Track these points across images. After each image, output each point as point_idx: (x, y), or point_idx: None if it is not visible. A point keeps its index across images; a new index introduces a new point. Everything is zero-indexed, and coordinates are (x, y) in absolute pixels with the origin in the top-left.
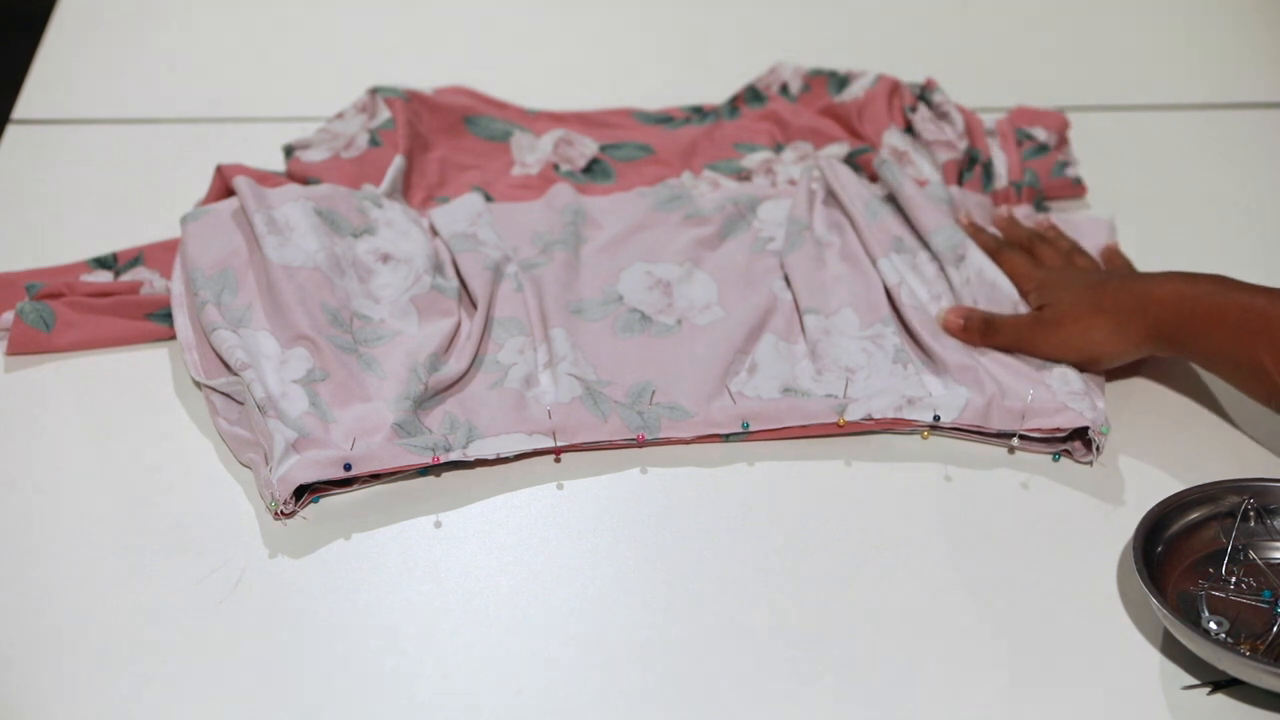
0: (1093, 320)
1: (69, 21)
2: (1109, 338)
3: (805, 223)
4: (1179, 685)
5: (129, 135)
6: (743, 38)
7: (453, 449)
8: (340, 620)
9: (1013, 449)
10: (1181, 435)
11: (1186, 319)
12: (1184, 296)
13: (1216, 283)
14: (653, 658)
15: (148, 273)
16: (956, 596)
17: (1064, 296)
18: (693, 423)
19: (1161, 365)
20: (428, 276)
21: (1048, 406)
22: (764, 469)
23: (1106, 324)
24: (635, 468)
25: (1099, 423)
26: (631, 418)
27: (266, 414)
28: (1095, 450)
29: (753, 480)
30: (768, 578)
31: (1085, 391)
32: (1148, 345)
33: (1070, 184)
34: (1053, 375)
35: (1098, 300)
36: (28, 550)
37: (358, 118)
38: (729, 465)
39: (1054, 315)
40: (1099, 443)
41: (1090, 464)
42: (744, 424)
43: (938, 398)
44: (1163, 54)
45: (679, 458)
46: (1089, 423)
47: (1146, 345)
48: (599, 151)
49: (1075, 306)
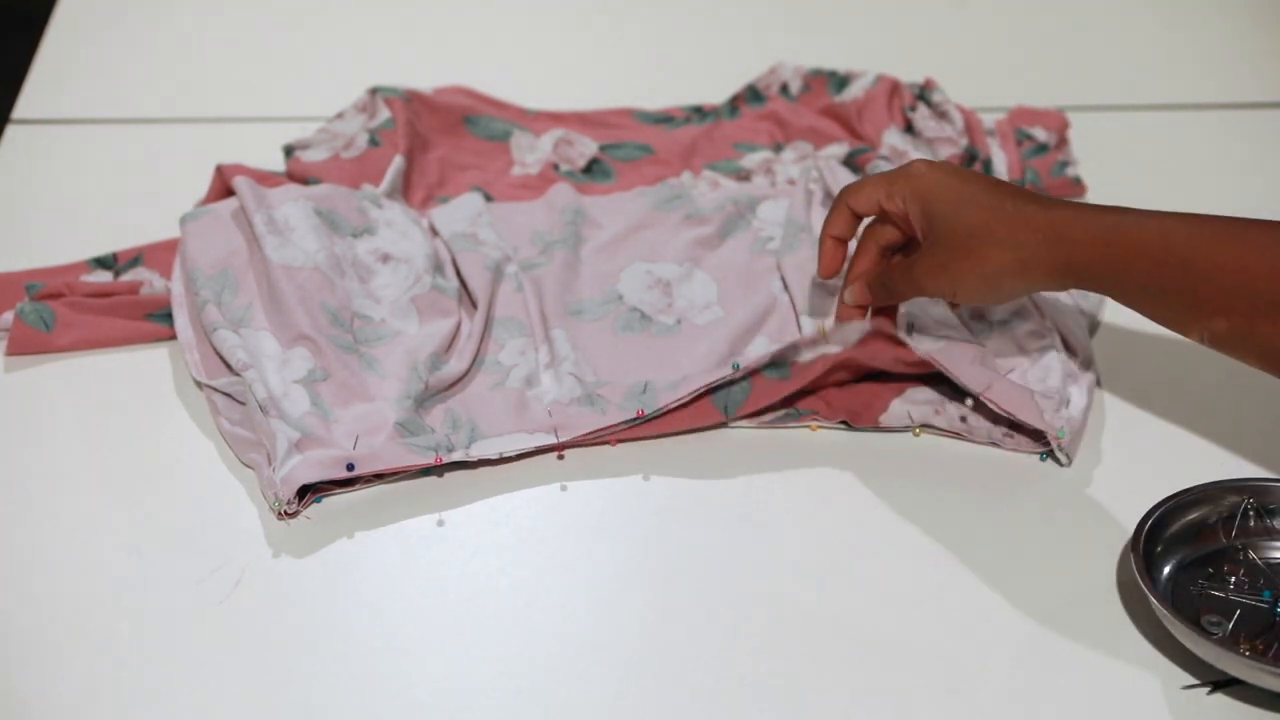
0: (987, 254)
1: (69, 21)
2: (1008, 274)
3: (803, 224)
4: (1179, 685)
5: (129, 135)
6: (743, 38)
7: (455, 449)
8: (341, 620)
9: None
10: (1181, 435)
11: (1101, 254)
12: (1094, 229)
13: (1123, 212)
14: (653, 659)
15: (148, 273)
16: (954, 597)
17: (948, 223)
18: (685, 384)
19: (1161, 364)
20: (428, 276)
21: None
22: (764, 471)
23: (1005, 259)
24: (638, 475)
25: (1057, 425)
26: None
27: (269, 414)
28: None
29: (753, 483)
30: (768, 579)
31: (1060, 390)
32: (1054, 282)
33: (1070, 183)
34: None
35: (990, 230)
36: (28, 550)
37: (358, 118)
38: (730, 467)
39: (942, 249)
40: (1058, 446)
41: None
42: (734, 364)
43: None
44: (1163, 54)
45: (680, 462)
46: (1046, 426)
47: (1053, 282)
48: (599, 151)
49: (965, 236)
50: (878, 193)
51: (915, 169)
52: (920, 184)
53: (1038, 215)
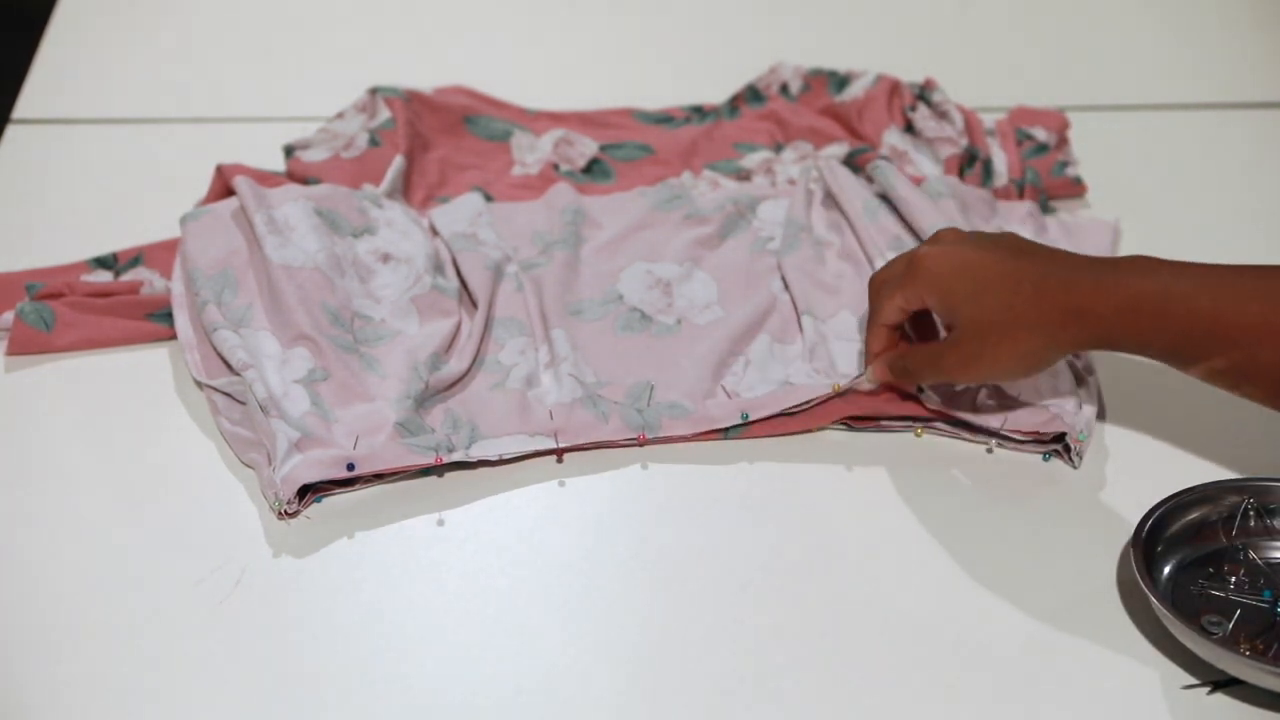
0: (1018, 337)
1: (69, 21)
2: (1037, 354)
3: (803, 224)
4: (1179, 685)
5: (129, 135)
6: (743, 38)
7: (455, 449)
8: (341, 620)
9: (990, 449)
10: (1181, 435)
11: (1128, 325)
12: (1116, 301)
13: (1144, 275)
14: (653, 657)
15: (148, 273)
16: (955, 597)
17: (970, 312)
18: (692, 419)
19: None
20: (428, 276)
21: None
22: (764, 468)
23: (1033, 340)
24: (636, 464)
25: (1078, 428)
26: (632, 417)
27: (269, 414)
28: (1075, 456)
29: (753, 479)
30: (768, 576)
31: (1073, 391)
32: (1085, 348)
33: (1070, 183)
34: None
35: (1016, 315)
36: (28, 550)
37: (358, 118)
38: (730, 464)
39: (970, 340)
40: (1077, 449)
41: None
42: (743, 415)
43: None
44: (1163, 54)
45: (680, 455)
46: (1068, 428)
47: (1083, 349)
48: (599, 151)
49: (991, 325)
50: (896, 300)
51: (923, 263)
52: (933, 278)
53: (1058, 293)
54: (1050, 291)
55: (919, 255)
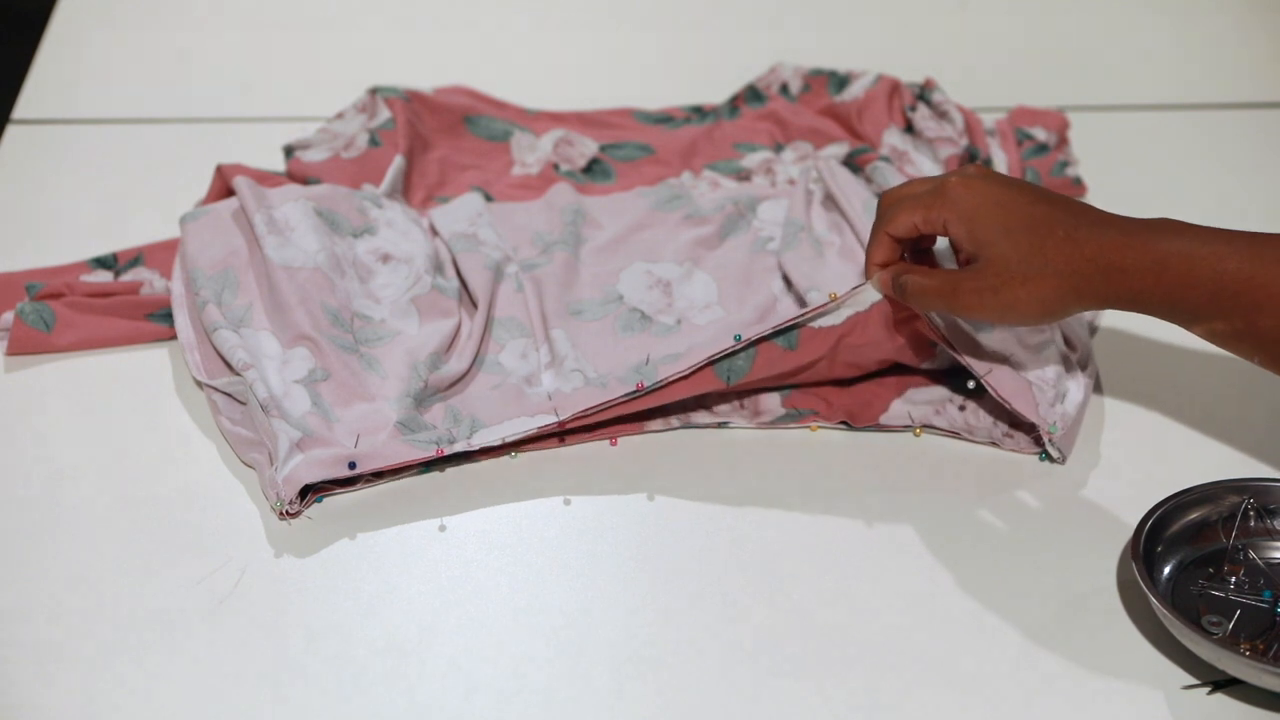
0: (1043, 282)
1: (69, 21)
2: (1059, 301)
3: (802, 224)
4: (1179, 685)
5: (129, 135)
6: (743, 38)
7: (456, 440)
8: (341, 620)
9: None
10: (1181, 435)
11: (1153, 283)
12: (1146, 259)
13: (1173, 236)
14: (652, 662)
15: (148, 273)
16: (955, 597)
17: (999, 248)
18: (685, 357)
19: (1161, 364)
20: (428, 276)
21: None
22: (764, 468)
23: (1060, 287)
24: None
25: (1050, 420)
26: (629, 376)
27: (270, 414)
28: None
29: (753, 482)
30: (768, 578)
31: (1056, 383)
32: (1107, 306)
33: (1070, 183)
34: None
35: (1045, 258)
36: (28, 550)
37: (358, 118)
38: (730, 467)
39: (993, 276)
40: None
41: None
42: (735, 335)
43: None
44: (1163, 54)
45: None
46: (1039, 419)
47: (1106, 306)
48: (599, 151)
49: (1019, 265)
50: (914, 217)
51: (952, 190)
52: (962, 206)
53: (1089, 243)
54: (1083, 243)
55: (949, 182)
